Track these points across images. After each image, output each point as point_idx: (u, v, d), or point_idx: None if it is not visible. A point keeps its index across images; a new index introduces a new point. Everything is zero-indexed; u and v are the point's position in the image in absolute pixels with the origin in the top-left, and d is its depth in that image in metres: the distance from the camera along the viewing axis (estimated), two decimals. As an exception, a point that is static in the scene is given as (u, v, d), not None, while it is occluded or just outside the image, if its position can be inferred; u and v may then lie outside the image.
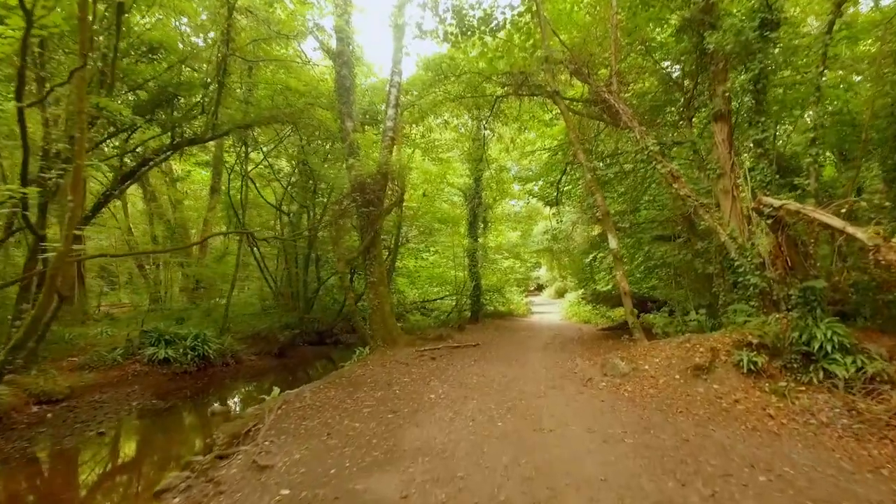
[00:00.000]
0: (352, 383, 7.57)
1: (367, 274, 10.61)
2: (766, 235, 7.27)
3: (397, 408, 5.93)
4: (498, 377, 7.86)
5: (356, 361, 9.56)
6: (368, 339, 10.50)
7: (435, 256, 19.77)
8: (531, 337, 14.03)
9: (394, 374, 8.28)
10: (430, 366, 8.97)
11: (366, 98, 14.58)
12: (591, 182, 8.87)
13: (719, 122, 8.60)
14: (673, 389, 6.55)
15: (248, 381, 10.91)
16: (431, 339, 11.58)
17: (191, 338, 10.73)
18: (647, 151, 8.51)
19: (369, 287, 10.58)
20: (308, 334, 15.35)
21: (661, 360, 7.44)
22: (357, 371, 8.53)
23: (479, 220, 18.83)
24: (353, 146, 10.42)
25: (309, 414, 5.80)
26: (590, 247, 14.05)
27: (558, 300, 30.10)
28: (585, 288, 16.07)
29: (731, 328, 7.95)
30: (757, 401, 6.03)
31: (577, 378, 7.65)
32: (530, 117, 13.26)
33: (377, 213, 10.31)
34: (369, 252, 10.59)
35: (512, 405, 5.98)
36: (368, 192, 10.28)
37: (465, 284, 17.15)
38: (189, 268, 18.94)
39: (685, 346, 7.57)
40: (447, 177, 19.32)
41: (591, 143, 10.63)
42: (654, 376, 7.04)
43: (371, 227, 10.31)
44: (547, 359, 9.76)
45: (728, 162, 8.48)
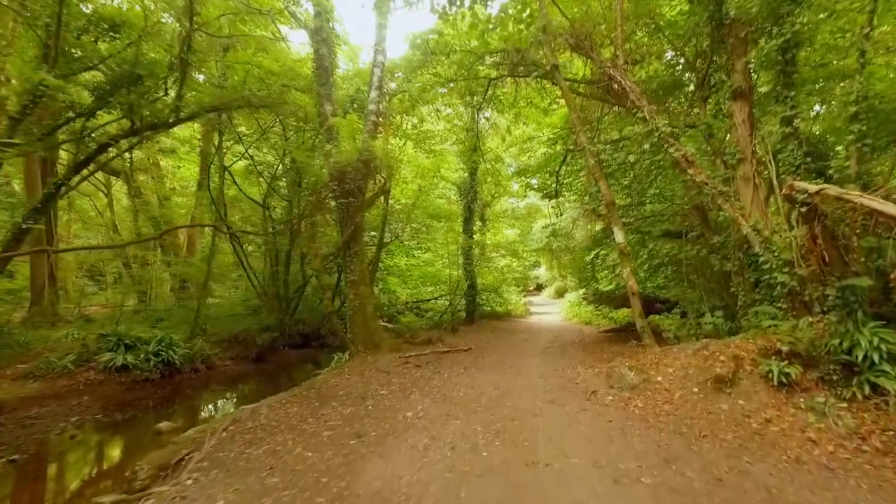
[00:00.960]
0: (320, 396, 6.60)
1: (347, 272, 9.64)
2: (798, 226, 6.31)
3: (364, 430, 4.97)
4: (489, 389, 6.90)
5: (333, 369, 8.60)
6: (348, 344, 9.54)
7: (428, 254, 18.81)
8: (529, 340, 13.07)
9: (371, 384, 7.32)
10: (414, 374, 8.01)
11: (353, 84, 13.63)
12: (594, 169, 7.90)
13: (739, 100, 7.64)
14: (692, 406, 5.59)
15: (218, 389, 9.95)
16: (419, 343, 10.62)
17: (154, 342, 9.77)
18: (658, 133, 7.55)
19: (349, 286, 9.62)
20: (292, 337, 14.40)
21: (676, 369, 6.48)
22: (331, 381, 7.56)
23: (474, 215, 17.87)
24: (331, 131, 9.45)
25: (258, 438, 4.83)
26: (592, 243, 13.08)
27: (558, 300, 29.15)
28: (587, 288, 15.12)
29: (754, 332, 7.00)
30: (792, 420, 5.07)
31: (578, 390, 6.69)
32: (527, 104, 12.29)
33: (357, 204, 9.34)
34: (349, 248, 9.62)
35: (502, 427, 5.02)
36: (348, 182, 9.31)
37: (460, 284, 16.18)
38: (175, 266, 18.04)
39: (703, 353, 6.60)
40: (441, 171, 18.38)
41: (593, 129, 9.65)
42: (669, 389, 6.08)
43: (351, 221, 9.34)
44: (545, 366, 8.80)
45: (749, 145, 7.52)
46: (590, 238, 14.40)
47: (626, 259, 7.66)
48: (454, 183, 19.17)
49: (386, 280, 17.18)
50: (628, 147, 9.65)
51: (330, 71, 9.94)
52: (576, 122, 8.22)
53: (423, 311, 18.69)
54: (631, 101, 7.81)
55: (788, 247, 6.52)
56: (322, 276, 9.40)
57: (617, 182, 11.89)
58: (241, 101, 9.72)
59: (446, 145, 17.43)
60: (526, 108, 12.57)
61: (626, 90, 7.87)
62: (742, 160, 7.58)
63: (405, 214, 14.51)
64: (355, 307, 9.52)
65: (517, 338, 13.53)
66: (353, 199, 9.33)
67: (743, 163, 7.59)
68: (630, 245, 13.07)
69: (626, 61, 8.07)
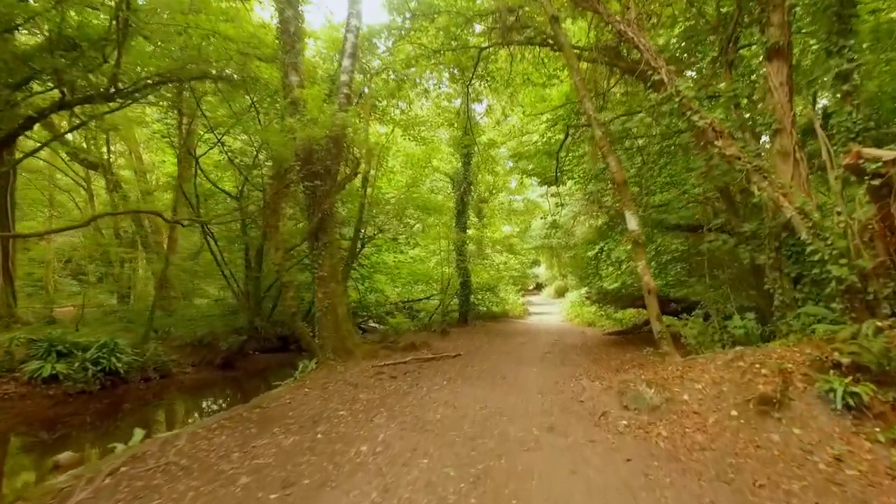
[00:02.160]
0: (264, 419, 5.31)
1: (315, 267, 8.35)
2: (861, 206, 5.03)
3: (297, 475, 3.68)
4: (473, 408, 5.61)
5: (294, 380, 7.32)
6: (316, 351, 8.25)
7: (419, 250, 17.53)
8: (526, 344, 11.78)
9: (332, 401, 6.03)
10: (387, 388, 6.72)
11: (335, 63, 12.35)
12: (601, 141, 6.62)
13: (775, 60, 6.35)
14: (732, 436, 4.31)
15: (169, 401, 8.65)
16: (400, 349, 9.33)
17: (94, 348, 8.48)
18: (679, 99, 6.26)
19: (318, 283, 8.33)
20: (268, 339, 13.10)
21: (706, 385, 5.20)
22: (285, 397, 6.27)
23: (468, 208, 16.58)
24: (296, 105, 8.16)
25: (152, 486, 3.55)
26: (596, 236, 11.79)
27: (558, 300, 27.87)
28: (590, 286, 13.82)
29: (795, 339, 5.74)
30: (871, 460, 3.78)
31: (584, 411, 5.40)
32: (523, 80, 10.99)
33: (326, 188, 8.05)
34: (318, 239, 8.33)
35: (483, 470, 3.73)
36: (315, 163, 8.03)
37: (452, 282, 14.91)
38: (153, 265, 16.78)
39: (738, 365, 5.32)
40: (432, 161, 17.10)
41: (599, 98, 8.34)
42: (700, 412, 4.79)
43: (318, 207, 8.05)
44: (544, 376, 7.51)
45: (788, 113, 6.24)
46: (594, 231, 13.13)
47: (640, 250, 6.38)
48: (446, 174, 17.89)
49: (373, 278, 15.90)
50: (638, 123, 8.38)
51: (297, 37, 8.65)
52: (579, 86, 6.93)
53: (416, 311, 17.42)
54: (645, 61, 6.52)
55: (844, 233, 5.25)
56: (283, 272, 8.10)
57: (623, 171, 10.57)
58: (196, 71, 8.43)
59: (438, 133, 16.14)
60: (522, 85, 11.26)
61: (639, 48, 6.58)
62: (779, 131, 6.30)
63: (391, 206, 13.20)
64: (324, 308, 8.23)
65: (513, 341, 12.24)
66: (321, 182, 8.03)
67: (780, 134, 6.31)
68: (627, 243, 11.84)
69: (638, 15, 6.78)
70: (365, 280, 15.79)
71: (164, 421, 7.36)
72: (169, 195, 20.09)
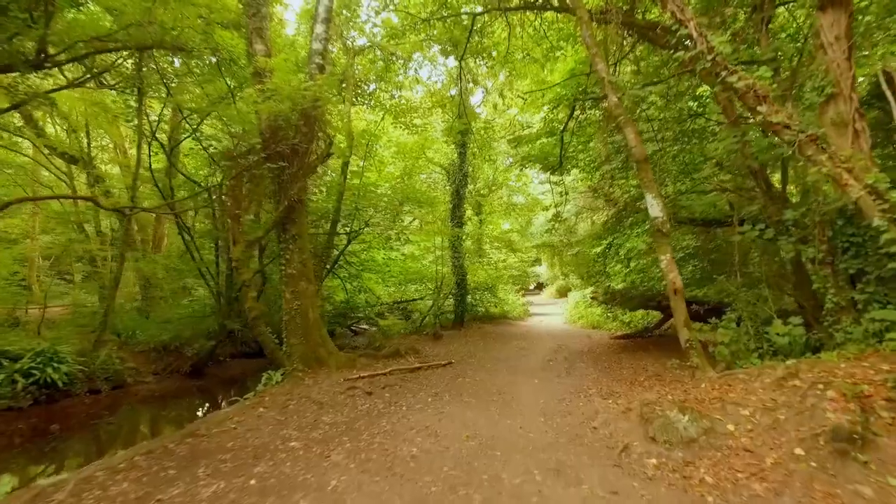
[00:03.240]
0: (192, 455, 4.18)
1: (282, 263, 7.22)
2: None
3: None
4: (459, 438, 4.48)
5: (251, 398, 6.19)
6: (282, 360, 7.13)
7: (412, 248, 16.41)
8: (526, 349, 10.65)
9: (287, 427, 4.90)
10: (359, 408, 5.59)
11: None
12: (616, 110, 5.47)
13: (830, 9, 5.21)
14: (803, 486, 3.19)
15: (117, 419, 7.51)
16: (383, 357, 8.21)
17: (28, 357, 7.36)
18: (712, 57, 5.11)
19: (285, 282, 7.20)
20: (246, 343, 12.05)
21: (755, 411, 4.06)
22: (232, 421, 5.14)
23: (464, 202, 15.44)
24: (260, 75, 7.04)
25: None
26: (604, 230, 10.65)
27: (560, 300, 26.72)
28: (596, 285, 12.70)
29: (855, 350, 4.64)
30: None
31: (599, 443, 4.26)
32: (523, 56, 9.85)
33: (294, 172, 6.92)
34: (285, 230, 7.20)
35: (464, 548, 2.61)
36: (282, 142, 6.90)
37: (445, 281, 13.79)
38: (135, 263, 15.67)
39: (793, 384, 4.19)
40: (426, 152, 15.97)
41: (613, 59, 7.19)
42: (752, 450, 3.66)
43: (285, 194, 6.93)
44: (547, 391, 6.38)
45: (846, 74, 5.09)
46: (601, 226, 11.99)
47: (664, 242, 5.23)
48: (441, 165, 16.77)
49: (362, 277, 14.77)
50: (654, 96, 7.24)
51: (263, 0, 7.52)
52: (589, 44, 5.78)
53: (410, 312, 16.30)
54: (670, 13, 5.37)
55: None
56: (242, 268, 6.97)
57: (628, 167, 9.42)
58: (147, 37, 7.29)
59: (431, 121, 15.02)
60: (521, 61, 10.12)
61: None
62: (834, 96, 5.15)
63: (378, 197, 12.08)
64: (293, 311, 7.10)
65: (512, 346, 11.11)
66: (288, 164, 6.91)
67: (835, 100, 5.16)
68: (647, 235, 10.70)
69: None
70: (353, 279, 14.68)
71: (81, 451, 6.17)
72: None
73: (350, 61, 10.47)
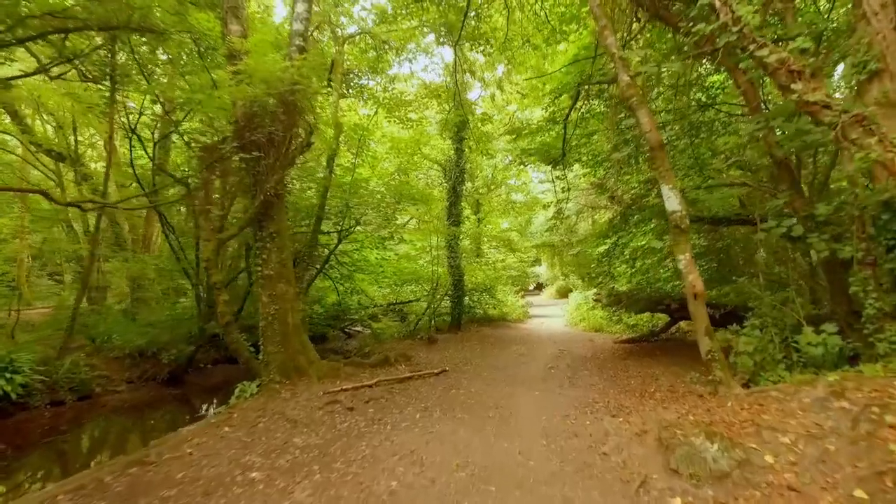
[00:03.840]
0: (130, 491, 3.54)
1: (258, 263, 6.58)
2: None
3: None
4: (448, 468, 3.85)
5: (219, 413, 5.56)
6: (258, 371, 6.49)
7: (407, 247, 15.78)
8: (526, 355, 10.01)
9: (252, 452, 4.27)
10: (337, 427, 4.96)
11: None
12: (627, 90, 4.84)
13: (871, -25, 4.59)
14: (871, 542, 2.55)
15: (74, 435, 6.84)
16: (370, 365, 7.58)
17: (-21, 366, 6.73)
18: (738, 29, 4.48)
19: (262, 284, 6.56)
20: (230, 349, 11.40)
21: (797, 439, 3.43)
22: (190, 443, 4.51)
23: (461, 200, 14.80)
24: (235, 57, 6.40)
25: None
26: (608, 228, 10.02)
27: (561, 301, 26.09)
28: (600, 287, 12.09)
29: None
30: None
31: (613, 475, 3.63)
32: (523, 42, 9.23)
33: (270, 163, 6.29)
34: (262, 228, 6.56)
35: None
36: (257, 131, 6.27)
37: (440, 282, 13.16)
38: (124, 263, 15.05)
39: (840, 406, 3.57)
40: (422, 148, 15.34)
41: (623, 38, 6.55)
42: (799, 489, 3.03)
43: (260, 187, 6.29)
44: (549, 405, 5.75)
45: (893, 47, 4.48)
46: (604, 224, 11.37)
47: (683, 239, 4.59)
48: (437, 162, 16.14)
49: (354, 278, 14.13)
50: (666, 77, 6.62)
51: (239, -25, 6.89)
52: (596, 14, 5.15)
53: (406, 314, 15.66)
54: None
55: None
56: (213, 269, 6.33)
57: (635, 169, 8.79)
58: (112, 16, 6.65)
59: (426, 115, 14.38)
60: (520, 48, 9.49)
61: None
62: (879, 73, 4.55)
63: (369, 193, 11.46)
64: (270, 315, 6.47)
65: (511, 352, 10.47)
66: (264, 155, 6.27)
67: (880, 77, 4.56)
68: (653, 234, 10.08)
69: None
70: (345, 280, 14.04)
71: (25, 473, 5.50)
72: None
73: (339, 49, 9.84)
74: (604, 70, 7.52)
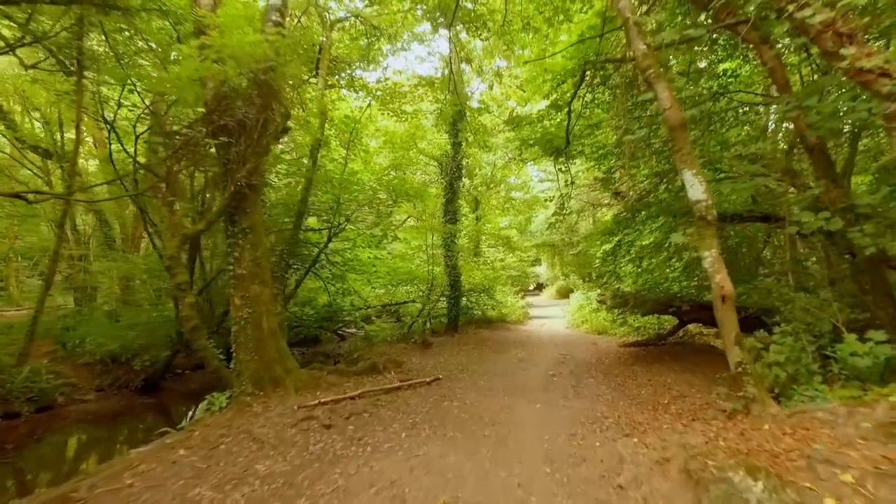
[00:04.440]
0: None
1: (231, 261, 5.93)
2: None
3: None
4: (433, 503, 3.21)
5: (181, 431, 4.91)
6: (230, 381, 5.85)
7: (401, 246, 15.14)
8: (526, 360, 9.37)
9: (201, 484, 3.62)
10: (310, 449, 4.31)
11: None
12: (643, 61, 4.20)
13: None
14: None
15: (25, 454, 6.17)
16: (356, 373, 6.93)
17: (-77, 375, 6.08)
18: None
19: (234, 285, 5.90)
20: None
21: (861, 475, 2.79)
22: (134, 470, 3.86)
23: (458, 197, 14.16)
24: (204, 33, 5.75)
25: None
26: (615, 225, 9.39)
27: (562, 301, 25.45)
28: (604, 288, 11.45)
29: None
30: None
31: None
32: (523, 25, 8.58)
33: (242, 150, 5.64)
34: (234, 222, 5.91)
35: None
36: (228, 114, 5.62)
37: (435, 283, 12.53)
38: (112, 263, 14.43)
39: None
40: (417, 142, 14.71)
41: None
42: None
43: (231, 177, 5.64)
44: (552, 421, 5.11)
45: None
46: (609, 221, 10.72)
47: (709, 232, 3.94)
48: (434, 157, 15.52)
49: (346, 278, 13.48)
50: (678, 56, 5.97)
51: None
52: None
53: (402, 315, 15.01)
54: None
55: None
56: (177, 268, 5.67)
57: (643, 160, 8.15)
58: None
59: (421, 106, 13.72)
60: (519, 31, 8.84)
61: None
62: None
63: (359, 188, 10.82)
64: (242, 319, 5.82)
65: (510, 356, 9.83)
66: (235, 141, 5.62)
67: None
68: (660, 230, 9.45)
69: None
70: (337, 280, 13.39)
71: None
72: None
73: (327, 34, 9.20)
74: (611, 52, 6.89)
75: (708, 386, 6.48)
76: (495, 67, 13.46)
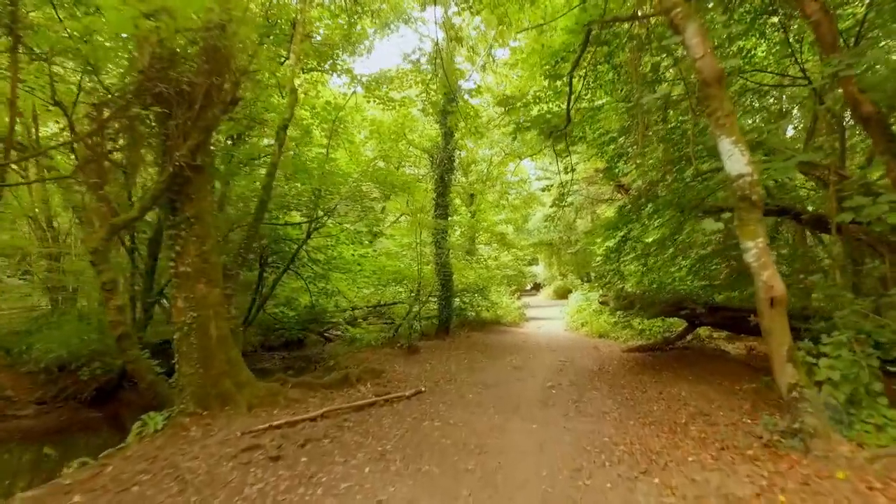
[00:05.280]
0: None
1: (172, 257, 5.00)
2: None
3: None
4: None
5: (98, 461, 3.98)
6: (170, 398, 4.93)
7: (389, 242, 14.24)
8: (522, 368, 8.48)
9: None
10: (246, 492, 3.39)
11: None
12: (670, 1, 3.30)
13: None
14: None
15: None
16: (323, 386, 6.00)
17: None
18: None
19: (176, 285, 4.98)
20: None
21: None
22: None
23: (449, 190, 13.25)
24: None
25: None
26: (619, 219, 8.51)
27: (559, 302, 24.58)
28: (607, 288, 10.58)
29: None
30: None
31: None
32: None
33: (182, 124, 4.71)
34: (175, 211, 4.99)
35: None
36: (172, 81, 4.70)
37: (425, 282, 11.63)
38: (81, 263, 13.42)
39: None
40: (406, 133, 13.83)
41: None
42: None
43: (170, 157, 4.72)
44: (550, 449, 4.21)
45: None
46: (614, 214, 9.84)
47: (754, 216, 3.06)
48: (424, 149, 14.62)
49: (329, 277, 12.57)
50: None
51: None
52: None
53: (391, 317, 14.10)
54: None
55: None
56: (102, 264, 4.74)
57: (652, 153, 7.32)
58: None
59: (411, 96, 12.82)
60: (515, 3, 7.94)
61: None
62: None
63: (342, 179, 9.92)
64: (186, 325, 4.89)
65: (504, 364, 8.93)
66: (177, 110, 4.69)
67: None
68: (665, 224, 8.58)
69: None
70: (319, 280, 12.48)
71: None
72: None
73: (303, 6, 8.29)
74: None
75: (728, 400, 5.64)
76: (489, 50, 12.56)
